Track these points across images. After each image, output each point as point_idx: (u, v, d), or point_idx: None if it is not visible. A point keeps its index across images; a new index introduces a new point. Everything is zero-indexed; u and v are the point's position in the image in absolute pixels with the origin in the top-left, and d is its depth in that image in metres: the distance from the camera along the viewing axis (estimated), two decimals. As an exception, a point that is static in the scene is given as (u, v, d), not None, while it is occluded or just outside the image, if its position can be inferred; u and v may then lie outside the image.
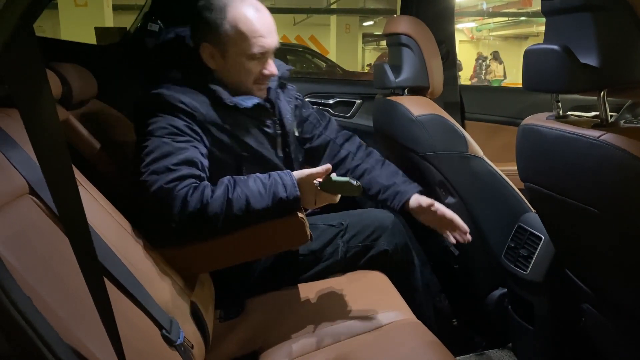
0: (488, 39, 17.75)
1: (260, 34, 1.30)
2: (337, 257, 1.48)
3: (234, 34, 1.29)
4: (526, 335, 1.52)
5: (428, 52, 1.78)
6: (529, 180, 1.21)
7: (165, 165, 1.16)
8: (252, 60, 1.32)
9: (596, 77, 0.93)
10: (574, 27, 0.97)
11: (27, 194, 0.85)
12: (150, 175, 1.14)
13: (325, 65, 9.91)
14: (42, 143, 0.55)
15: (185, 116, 1.25)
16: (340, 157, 1.59)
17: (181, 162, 1.17)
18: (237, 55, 1.31)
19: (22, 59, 0.52)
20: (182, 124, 1.23)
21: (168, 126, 1.22)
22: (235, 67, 1.33)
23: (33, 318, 0.62)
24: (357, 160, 1.58)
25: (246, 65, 1.33)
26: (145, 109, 1.26)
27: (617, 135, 0.90)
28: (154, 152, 1.17)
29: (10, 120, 0.94)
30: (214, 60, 1.34)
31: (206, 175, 1.23)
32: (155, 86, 1.28)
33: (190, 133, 1.24)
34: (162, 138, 1.20)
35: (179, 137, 1.21)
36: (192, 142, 1.23)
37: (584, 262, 1.20)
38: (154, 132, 1.21)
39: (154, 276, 1.05)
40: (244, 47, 1.30)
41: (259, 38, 1.30)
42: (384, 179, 1.54)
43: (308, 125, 1.60)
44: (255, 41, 1.30)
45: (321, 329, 1.25)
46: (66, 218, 0.59)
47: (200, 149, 1.24)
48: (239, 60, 1.32)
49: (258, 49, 1.31)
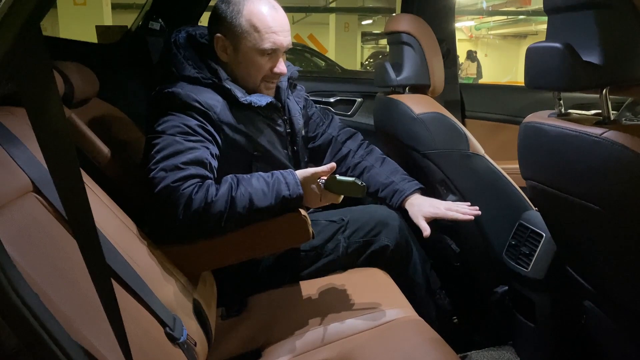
0: (487, 37, 17.74)
1: (273, 30, 1.32)
2: (338, 252, 1.48)
3: (248, 28, 1.31)
4: (527, 333, 1.53)
5: (429, 50, 1.78)
6: (531, 177, 1.22)
7: (174, 163, 1.17)
8: (263, 56, 1.34)
9: (598, 75, 0.94)
10: (576, 24, 0.97)
11: (31, 192, 0.85)
12: (159, 172, 1.16)
13: (325, 64, 9.90)
14: (49, 143, 0.56)
15: (200, 115, 1.26)
16: (342, 154, 1.61)
17: (190, 161, 1.18)
18: (248, 50, 1.33)
19: (29, 58, 0.53)
20: (195, 124, 1.24)
21: (181, 125, 1.23)
22: (246, 61, 1.35)
23: (41, 314, 0.63)
24: (358, 158, 1.60)
25: (257, 61, 1.34)
26: (160, 107, 1.27)
27: (619, 132, 0.91)
28: (164, 150, 1.18)
29: (14, 119, 0.95)
30: (226, 53, 1.36)
31: (214, 176, 1.24)
32: (169, 85, 1.29)
33: (202, 133, 1.25)
34: (174, 136, 1.21)
35: (191, 136, 1.22)
36: (203, 142, 1.24)
37: (585, 259, 1.21)
38: (166, 130, 1.22)
39: (157, 274, 1.06)
40: (256, 42, 1.32)
41: (272, 34, 1.32)
42: (383, 177, 1.55)
43: (312, 124, 1.62)
44: (267, 37, 1.32)
45: (323, 326, 1.26)
46: (73, 218, 0.59)
47: (211, 150, 1.25)
48: (250, 55, 1.34)
49: (269, 45, 1.32)
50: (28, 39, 0.52)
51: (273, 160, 1.40)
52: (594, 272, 1.19)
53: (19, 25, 0.51)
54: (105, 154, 1.39)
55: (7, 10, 0.50)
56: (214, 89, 1.32)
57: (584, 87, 0.97)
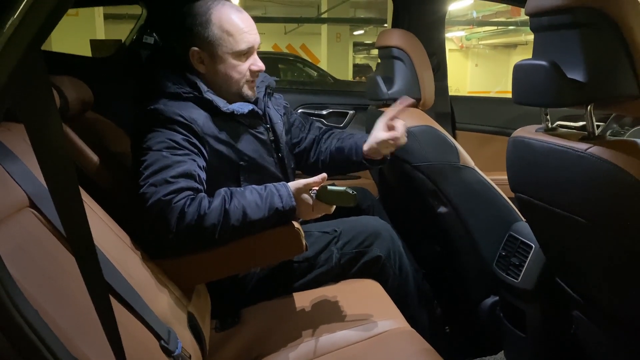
0: (478, 47, 17.90)
1: (245, 31, 1.38)
2: (331, 263, 1.49)
3: (221, 34, 1.35)
4: (518, 343, 1.54)
5: (419, 64, 1.81)
6: (519, 190, 1.24)
7: (163, 177, 1.18)
8: (241, 57, 1.39)
9: (583, 92, 0.96)
10: (561, 43, 1.00)
11: (27, 207, 0.86)
12: (149, 187, 1.17)
13: (317, 74, 9.95)
14: (48, 160, 0.56)
15: (184, 129, 1.27)
16: (320, 150, 1.64)
17: (179, 174, 1.20)
18: (225, 54, 1.37)
19: (29, 75, 0.54)
20: (180, 138, 1.26)
21: (166, 140, 1.24)
22: (225, 67, 1.38)
23: (40, 329, 0.63)
24: (327, 143, 1.63)
25: (236, 64, 1.39)
26: (144, 124, 1.28)
27: (603, 148, 0.93)
28: (152, 166, 1.20)
29: (10, 134, 0.96)
30: (204, 64, 1.39)
31: (204, 187, 1.25)
32: (151, 102, 1.30)
33: (188, 146, 1.26)
34: (160, 152, 1.22)
35: (177, 150, 1.24)
36: (190, 155, 1.25)
37: (573, 270, 1.23)
38: (152, 147, 1.23)
39: (151, 287, 1.07)
40: (231, 45, 1.36)
41: (245, 35, 1.37)
42: (345, 141, 1.59)
43: (295, 130, 1.66)
44: (241, 38, 1.37)
45: (316, 337, 1.27)
46: (72, 235, 0.60)
47: (199, 162, 1.27)
48: (229, 59, 1.38)
49: (245, 45, 1.37)
50: (28, 59, 0.53)
51: (260, 169, 1.42)
52: (582, 283, 1.22)
53: (24, 46, 0.52)
54: (99, 166, 1.40)
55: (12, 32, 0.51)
56: (195, 102, 1.34)
57: (569, 104, 1.00)
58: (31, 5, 0.50)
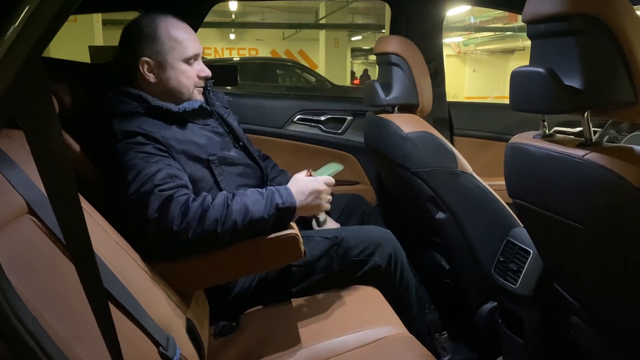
0: (475, 53, 17.97)
1: (190, 39, 1.47)
2: (331, 270, 1.49)
3: (170, 42, 1.43)
4: (516, 348, 1.54)
5: (417, 71, 1.82)
6: (517, 197, 1.24)
7: (153, 183, 1.20)
8: (189, 63, 1.46)
9: (580, 99, 0.97)
10: (558, 50, 1.01)
11: (26, 213, 0.86)
12: (142, 195, 1.19)
13: (315, 80, 9.96)
14: (48, 167, 0.57)
15: (149, 140, 1.30)
16: None
17: (166, 176, 1.23)
18: (175, 61, 1.44)
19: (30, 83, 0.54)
20: (149, 148, 1.28)
21: (137, 153, 1.26)
22: (176, 73, 1.45)
23: (39, 336, 0.63)
24: None
25: (185, 69, 1.46)
26: (109, 146, 1.29)
27: (600, 154, 0.94)
28: (137, 178, 1.22)
29: (9, 141, 0.96)
30: (154, 73, 1.43)
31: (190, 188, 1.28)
32: (108, 124, 1.31)
33: (159, 154, 1.29)
34: (135, 164, 1.24)
35: (152, 158, 1.26)
36: (165, 160, 1.28)
37: (571, 276, 1.23)
38: (128, 162, 1.24)
39: (150, 294, 1.06)
40: (180, 52, 1.44)
41: (191, 42, 1.47)
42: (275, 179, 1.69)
43: None
44: (188, 45, 1.45)
45: (315, 344, 1.26)
46: (72, 243, 0.60)
47: (175, 165, 1.30)
48: (179, 66, 1.45)
49: (193, 51, 1.46)
50: (29, 68, 0.53)
51: (229, 160, 1.47)
52: (580, 289, 1.22)
53: (25, 54, 0.52)
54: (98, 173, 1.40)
55: (14, 39, 0.51)
56: (146, 115, 1.36)
57: (566, 111, 1.00)
58: (32, 12, 0.51)
